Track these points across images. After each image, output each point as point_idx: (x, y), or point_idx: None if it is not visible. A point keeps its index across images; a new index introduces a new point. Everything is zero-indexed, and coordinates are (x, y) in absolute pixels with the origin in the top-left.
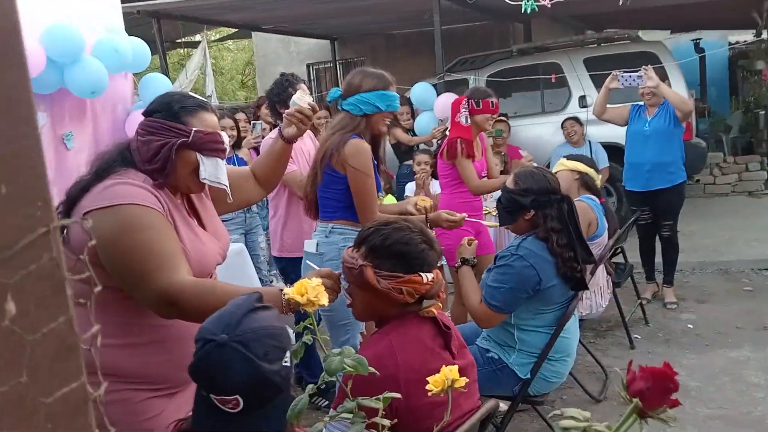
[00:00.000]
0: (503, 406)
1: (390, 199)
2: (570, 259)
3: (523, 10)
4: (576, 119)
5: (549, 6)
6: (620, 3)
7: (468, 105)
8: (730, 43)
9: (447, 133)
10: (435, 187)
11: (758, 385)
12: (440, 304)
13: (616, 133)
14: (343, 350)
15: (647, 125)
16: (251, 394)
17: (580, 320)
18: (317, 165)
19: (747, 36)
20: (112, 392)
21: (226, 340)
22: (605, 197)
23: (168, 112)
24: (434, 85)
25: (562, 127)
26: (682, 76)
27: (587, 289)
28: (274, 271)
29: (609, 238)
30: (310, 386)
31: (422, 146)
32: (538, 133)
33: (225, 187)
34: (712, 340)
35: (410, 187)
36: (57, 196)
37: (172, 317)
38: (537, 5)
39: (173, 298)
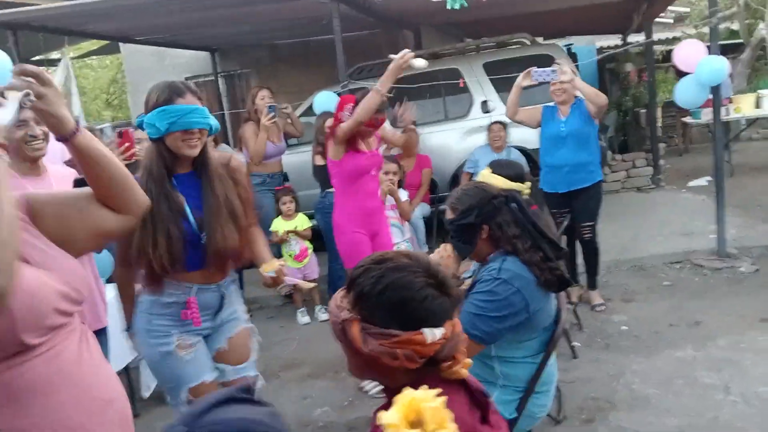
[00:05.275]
0: None
1: (301, 219)
2: (541, 260)
3: (449, 6)
4: (502, 123)
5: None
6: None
7: (352, 110)
8: (598, 49)
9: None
10: (402, 195)
11: (713, 387)
12: (467, 362)
13: (523, 137)
14: None
15: (563, 125)
16: None
17: None
18: None
19: (614, 41)
20: None
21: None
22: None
23: None
24: (338, 94)
25: (488, 130)
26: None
27: (571, 284)
28: None
29: None
30: None
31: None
32: (442, 140)
33: None
34: (652, 341)
35: None
36: None
37: None
38: (466, 1)
39: None
